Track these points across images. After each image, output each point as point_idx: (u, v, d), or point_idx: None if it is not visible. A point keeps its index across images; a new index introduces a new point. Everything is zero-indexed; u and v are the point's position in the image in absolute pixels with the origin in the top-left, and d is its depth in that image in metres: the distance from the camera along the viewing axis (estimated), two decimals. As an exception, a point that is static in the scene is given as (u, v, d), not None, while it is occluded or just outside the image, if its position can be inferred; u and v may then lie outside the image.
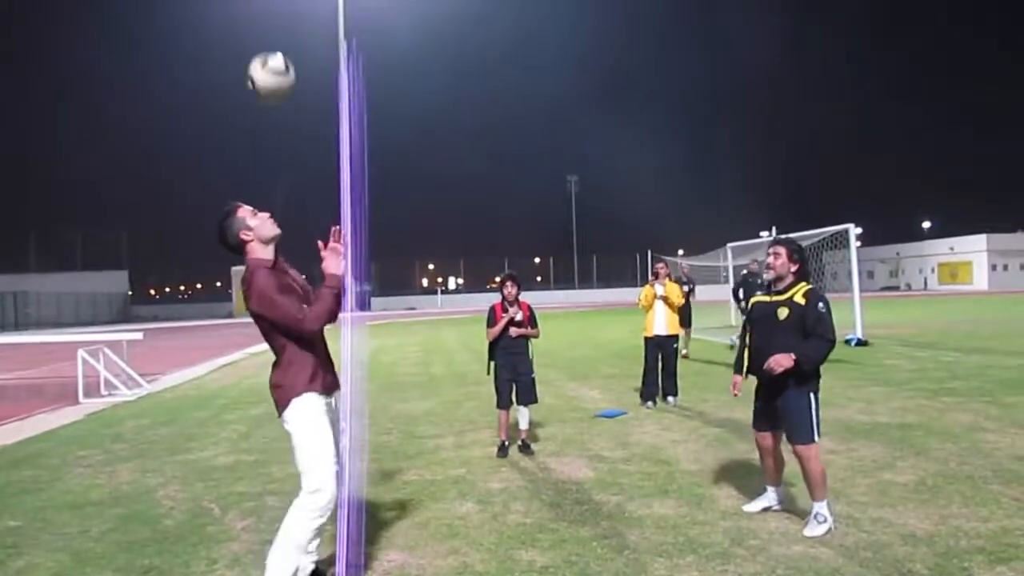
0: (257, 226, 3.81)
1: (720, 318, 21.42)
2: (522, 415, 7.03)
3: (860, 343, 16.09)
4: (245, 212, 3.82)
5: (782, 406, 4.63)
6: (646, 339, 9.48)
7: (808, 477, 4.58)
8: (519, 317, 6.91)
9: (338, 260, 3.81)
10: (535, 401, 7.08)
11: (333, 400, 3.95)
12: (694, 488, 5.51)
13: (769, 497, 4.97)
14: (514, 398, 6.97)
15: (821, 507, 4.52)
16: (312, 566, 3.89)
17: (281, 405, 3.78)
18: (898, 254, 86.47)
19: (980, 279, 75.03)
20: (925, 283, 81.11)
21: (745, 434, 7.26)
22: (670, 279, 9.61)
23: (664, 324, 9.32)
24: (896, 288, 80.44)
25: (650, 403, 9.26)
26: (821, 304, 4.55)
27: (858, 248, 18.28)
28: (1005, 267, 75.80)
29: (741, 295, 14.93)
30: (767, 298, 4.77)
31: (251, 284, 3.68)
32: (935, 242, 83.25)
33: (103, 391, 11.96)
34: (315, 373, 3.82)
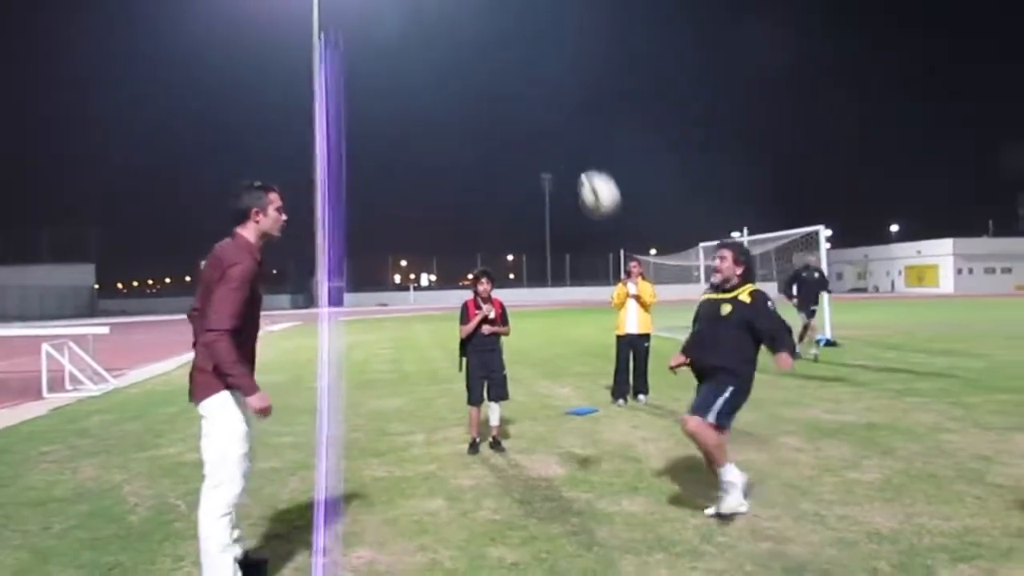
0: (271, 218, 3.84)
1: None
2: (493, 412, 7.02)
3: (829, 344, 16.28)
4: (275, 198, 3.84)
5: (706, 383, 4.82)
6: (618, 337, 9.52)
7: (703, 450, 4.71)
8: (492, 315, 6.91)
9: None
10: (506, 398, 7.08)
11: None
12: (664, 486, 5.54)
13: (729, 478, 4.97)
14: (485, 395, 6.96)
15: (724, 474, 4.64)
16: (241, 553, 3.83)
17: (201, 392, 3.69)
18: (866, 256, 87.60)
19: (946, 282, 76.21)
20: (892, 285, 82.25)
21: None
22: (643, 278, 9.62)
23: (636, 323, 9.36)
24: (864, 290, 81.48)
25: (621, 401, 9.30)
26: (769, 303, 4.75)
27: (828, 250, 18.48)
28: (970, 271, 77.06)
29: (795, 291, 14.89)
30: (714, 296, 4.93)
31: (233, 263, 3.62)
32: (903, 245, 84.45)
33: (68, 386, 11.76)
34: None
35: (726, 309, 4.77)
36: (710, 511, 4.79)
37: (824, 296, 15.36)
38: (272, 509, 5.22)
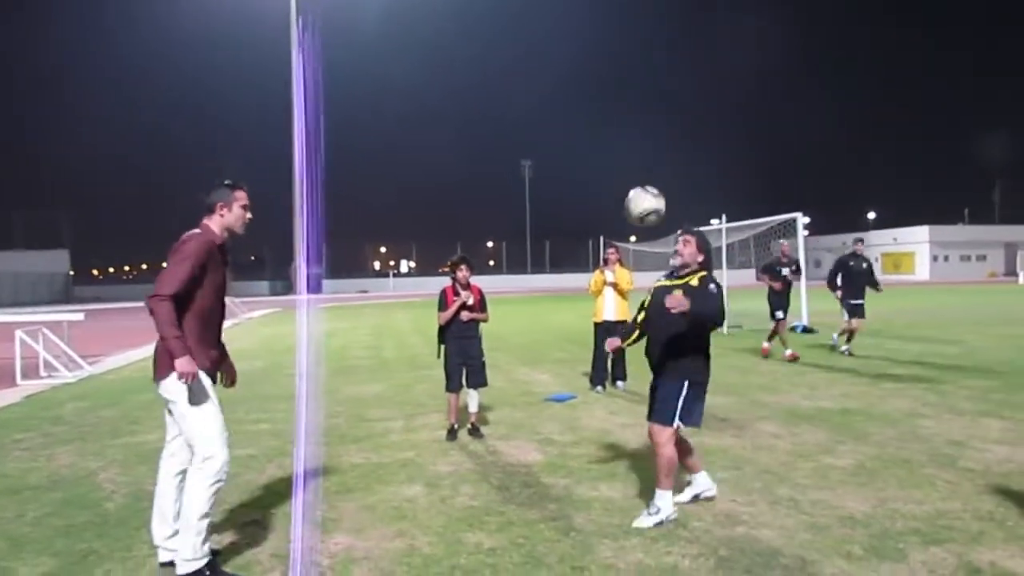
0: (235, 214, 4.07)
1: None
2: (472, 399, 7.03)
3: (806, 330, 16.43)
4: (241, 197, 4.08)
5: (659, 381, 4.70)
6: (595, 324, 9.54)
7: (656, 461, 4.56)
8: (471, 301, 6.89)
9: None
10: (485, 385, 7.08)
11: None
12: (641, 471, 5.57)
13: (698, 483, 4.91)
14: (464, 382, 6.96)
15: (660, 497, 4.49)
16: (212, 548, 3.96)
17: (161, 372, 3.79)
18: (844, 244, 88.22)
19: (922, 269, 77.03)
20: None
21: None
22: (620, 264, 9.61)
23: (613, 309, 9.37)
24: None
25: (599, 387, 9.33)
26: (712, 286, 4.59)
27: (806, 237, 18.63)
28: (946, 258, 77.91)
29: (839, 281, 12.76)
30: (667, 282, 4.82)
31: (186, 240, 3.87)
32: (879, 233, 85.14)
33: (43, 373, 11.64)
34: (202, 349, 3.88)
35: (677, 293, 4.55)
36: (680, 497, 4.76)
37: (865, 288, 12.68)
38: (249, 496, 5.20)
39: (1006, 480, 5.14)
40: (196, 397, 3.80)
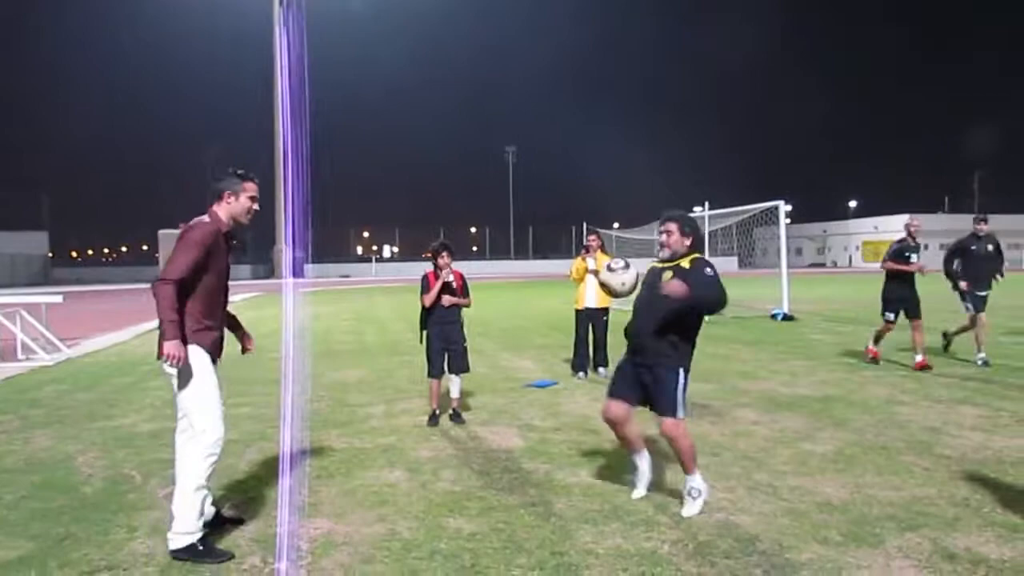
0: (242, 204, 4.15)
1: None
2: (453, 384, 7.02)
3: (786, 318, 16.52)
4: (250, 188, 4.17)
5: (651, 379, 4.52)
6: (577, 311, 9.54)
7: (678, 454, 4.50)
8: (451, 279, 6.86)
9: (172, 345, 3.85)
10: (467, 370, 7.08)
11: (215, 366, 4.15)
12: (622, 457, 5.57)
13: (642, 471, 4.76)
14: (446, 367, 6.95)
15: (694, 480, 4.46)
16: (214, 509, 4.15)
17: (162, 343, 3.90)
18: (825, 232, 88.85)
19: (901, 258, 77.51)
20: (850, 261, 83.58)
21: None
22: (602, 251, 9.57)
23: (595, 296, 9.35)
24: (823, 265, 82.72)
25: (581, 374, 9.36)
26: (708, 269, 4.50)
27: (787, 225, 18.72)
28: (925, 246, 77.89)
29: (957, 266, 10.69)
30: (659, 265, 4.71)
31: (193, 227, 3.97)
32: (860, 221, 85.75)
33: (20, 355, 11.52)
34: (205, 330, 4.02)
35: (667, 276, 4.52)
36: (637, 493, 4.70)
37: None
38: (229, 480, 5.18)
39: (981, 467, 5.20)
40: (195, 374, 3.92)
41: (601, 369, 9.43)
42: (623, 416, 4.63)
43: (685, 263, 4.57)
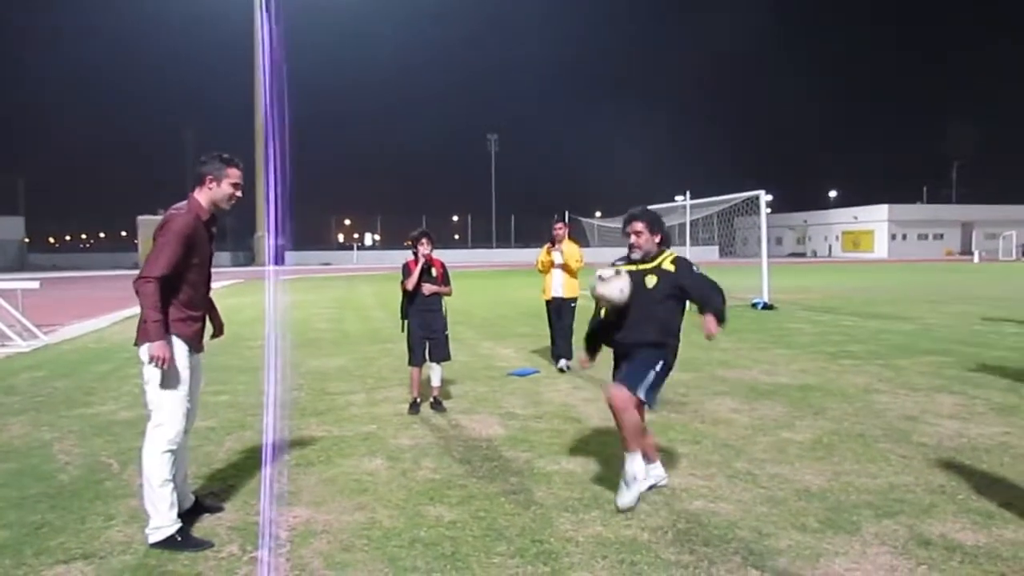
0: (224, 191, 4.06)
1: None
2: (434, 372, 7.01)
3: (766, 307, 16.63)
4: (233, 175, 4.08)
5: (635, 355, 4.47)
6: (546, 302, 9.44)
7: (620, 425, 4.34)
8: (430, 267, 6.83)
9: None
10: (448, 359, 7.07)
11: (197, 357, 4.13)
12: (602, 446, 5.60)
13: (653, 474, 4.61)
14: (427, 355, 6.93)
15: (630, 461, 4.31)
16: (192, 498, 4.24)
17: (142, 338, 3.88)
18: (805, 222, 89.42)
19: (881, 247, 78.37)
20: (830, 250, 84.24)
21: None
22: (570, 239, 9.25)
23: (562, 286, 9.15)
24: (803, 255, 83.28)
25: (562, 362, 9.34)
26: (695, 267, 4.46)
27: (768, 215, 18.81)
28: (904, 236, 79.31)
29: None
30: (632, 267, 4.55)
31: (172, 219, 3.88)
32: (840, 211, 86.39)
33: (-4, 343, 11.39)
34: (187, 320, 3.98)
35: (651, 281, 4.43)
36: (620, 499, 4.33)
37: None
38: (208, 468, 5.15)
39: (957, 455, 5.26)
40: (149, 364, 3.86)
41: (563, 361, 9.10)
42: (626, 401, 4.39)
43: (667, 264, 4.47)
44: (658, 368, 4.41)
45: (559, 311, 9.23)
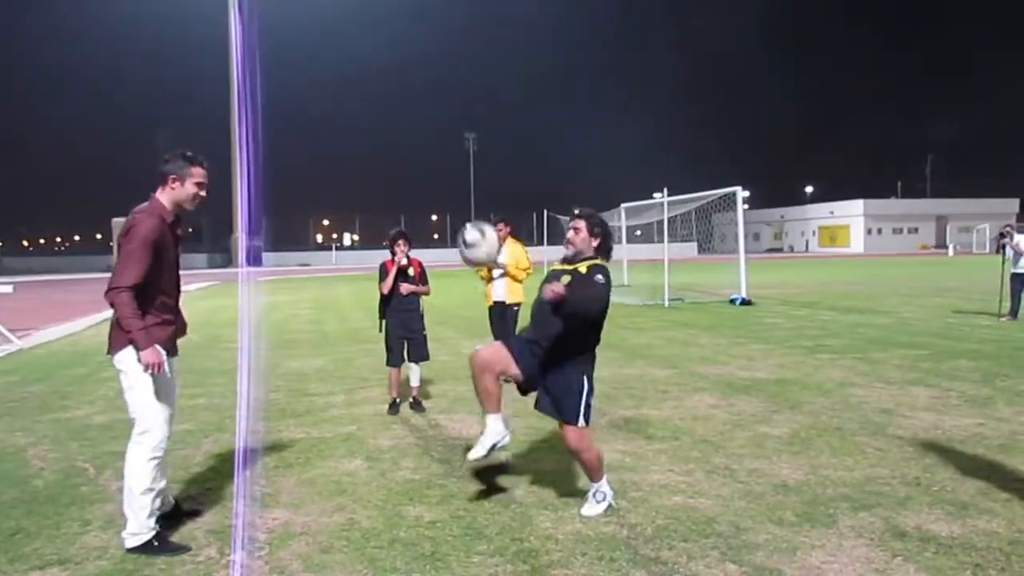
0: (187, 191, 3.94)
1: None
2: (413, 372, 6.99)
3: (744, 302, 16.72)
4: (197, 174, 3.96)
5: (552, 378, 4.29)
6: (489, 308, 8.42)
7: (583, 466, 4.31)
8: (404, 261, 6.79)
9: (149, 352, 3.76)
10: (426, 358, 7.05)
11: (172, 360, 4.08)
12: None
13: (494, 430, 4.40)
14: (405, 355, 6.91)
15: (601, 485, 4.28)
16: (172, 503, 4.21)
17: (116, 345, 3.82)
18: (782, 217, 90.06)
19: (857, 242, 79.09)
20: (807, 246, 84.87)
21: (634, 391, 7.47)
22: (513, 238, 8.18)
23: (504, 290, 8.25)
24: (780, 250, 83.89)
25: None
26: (599, 276, 4.23)
27: (745, 211, 18.95)
28: (879, 231, 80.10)
29: None
30: (559, 267, 4.48)
31: (137, 223, 3.78)
32: (816, 206, 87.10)
33: (-32, 348, 11.24)
34: (160, 324, 3.92)
35: (565, 280, 4.28)
36: (586, 509, 4.26)
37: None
38: (185, 472, 5.10)
39: (932, 447, 5.32)
40: (142, 373, 3.79)
41: None
42: (503, 361, 4.32)
43: (583, 267, 4.32)
44: (586, 390, 4.23)
45: (503, 317, 8.27)
